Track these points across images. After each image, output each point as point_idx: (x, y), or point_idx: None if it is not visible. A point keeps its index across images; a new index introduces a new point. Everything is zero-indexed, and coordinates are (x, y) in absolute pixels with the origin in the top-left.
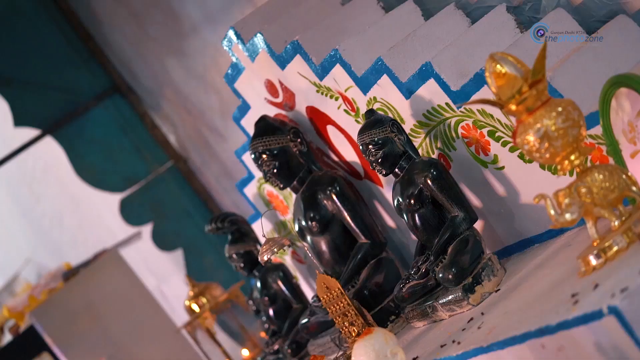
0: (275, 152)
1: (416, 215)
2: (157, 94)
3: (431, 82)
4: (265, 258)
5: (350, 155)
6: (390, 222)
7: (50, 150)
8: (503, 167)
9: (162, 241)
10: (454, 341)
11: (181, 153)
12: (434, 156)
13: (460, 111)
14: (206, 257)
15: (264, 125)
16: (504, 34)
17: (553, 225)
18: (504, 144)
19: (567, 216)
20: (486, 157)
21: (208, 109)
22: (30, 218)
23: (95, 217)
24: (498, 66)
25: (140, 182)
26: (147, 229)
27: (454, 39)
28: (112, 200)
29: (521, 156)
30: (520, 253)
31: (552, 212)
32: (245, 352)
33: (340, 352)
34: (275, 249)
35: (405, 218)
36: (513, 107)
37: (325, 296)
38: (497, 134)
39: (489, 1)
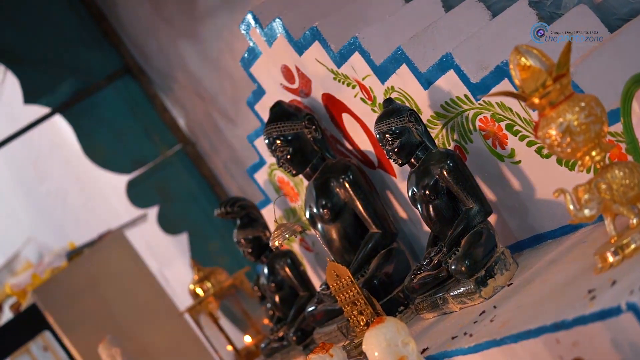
0: (289, 137)
1: (430, 206)
2: (168, 77)
3: (451, 74)
4: (277, 243)
5: (364, 144)
6: (402, 213)
7: (57, 129)
8: (519, 162)
9: (168, 224)
10: (465, 333)
11: (190, 137)
12: (450, 148)
13: (479, 103)
14: (211, 242)
15: (279, 111)
16: (525, 28)
17: (572, 220)
18: (522, 138)
19: (586, 212)
20: (503, 150)
21: (220, 94)
22: (34, 197)
23: (101, 198)
24: (523, 59)
25: (148, 164)
26: (152, 212)
27: (474, 32)
28: (118, 182)
29: (538, 151)
30: (533, 248)
31: (571, 207)
32: (247, 339)
33: (347, 341)
34: (287, 235)
35: (420, 209)
36: (536, 100)
37: (335, 284)
38: (515, 128)
39: None
